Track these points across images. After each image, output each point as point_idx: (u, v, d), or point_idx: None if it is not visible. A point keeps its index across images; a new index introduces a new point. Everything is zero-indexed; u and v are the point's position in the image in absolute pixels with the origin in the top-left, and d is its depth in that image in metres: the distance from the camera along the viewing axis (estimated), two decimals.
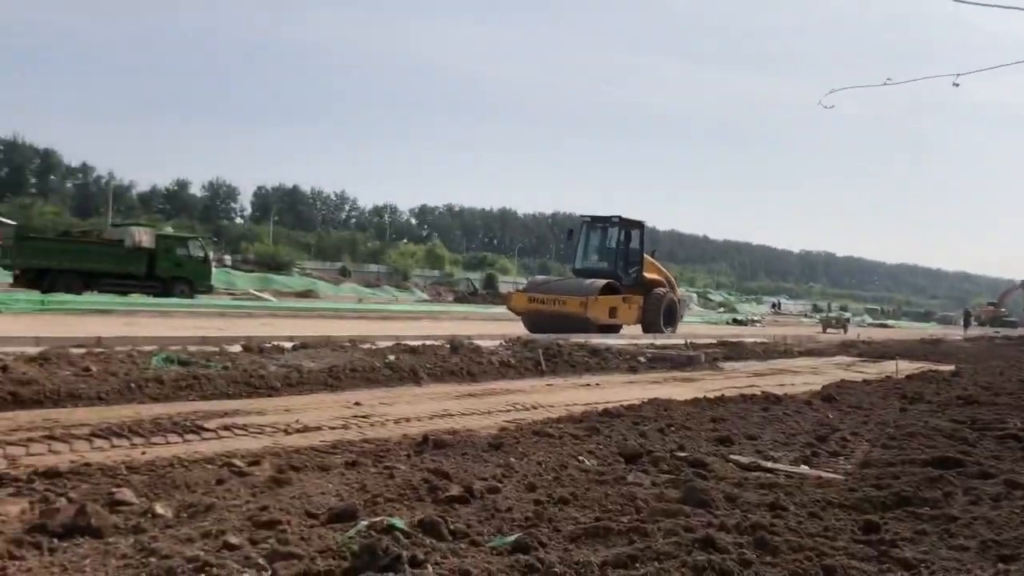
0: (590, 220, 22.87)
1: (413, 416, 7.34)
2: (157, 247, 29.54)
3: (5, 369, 7.41)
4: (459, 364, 10.77)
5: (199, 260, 30.77)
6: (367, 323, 21.98)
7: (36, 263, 27.01)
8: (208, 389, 7.90)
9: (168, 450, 5.40)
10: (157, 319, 18.87)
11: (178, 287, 29.46)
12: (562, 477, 4.73)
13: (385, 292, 59.24)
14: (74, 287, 26.72)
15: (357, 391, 8.86)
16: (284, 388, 8.47)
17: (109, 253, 28.51)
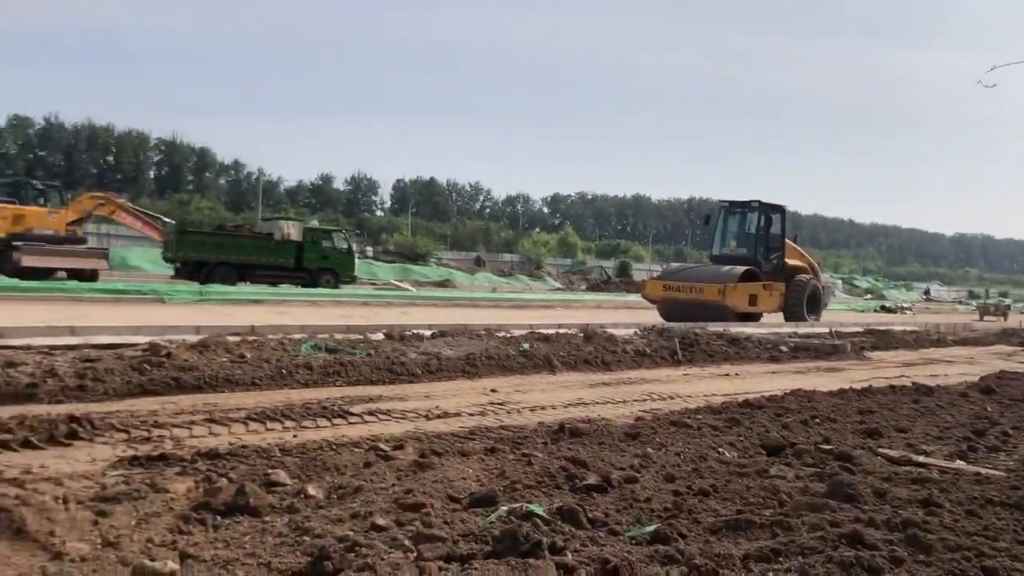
0: (728, 205, 22.32)
1: (548, 404, 7.39)
2: (304, 239, 30.91)
3: (169, 356, 7.93)
4: (593, 353, 10.76)
5: (343, 251, 32.03)
6: (501, 312, 22.26)
7: (194, 256, 28.76)
8: (353, 375, 8.21)
9: (318, 434, 5.66)
10: (305, 308, 19.74)
11: (324, 277, 30.74)
12: (701, 469, 4.67)
13: (518, 281, 59.79)
14: (229, 278, 28.29)
15: (493, 378, 9.00)
16: (424, 375, 8.70)
17: (260, 246, 30.02)
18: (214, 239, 29.69)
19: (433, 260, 63.77)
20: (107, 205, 30.88)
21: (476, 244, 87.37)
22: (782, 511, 3.75)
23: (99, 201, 30.78)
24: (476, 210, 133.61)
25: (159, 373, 7.28)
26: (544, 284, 59.20)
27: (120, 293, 20.18)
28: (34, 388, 6.46)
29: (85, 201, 30.51)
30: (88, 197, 31.53)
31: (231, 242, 29.64)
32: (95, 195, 32.41)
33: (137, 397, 6.74)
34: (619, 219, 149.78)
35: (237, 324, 11.43)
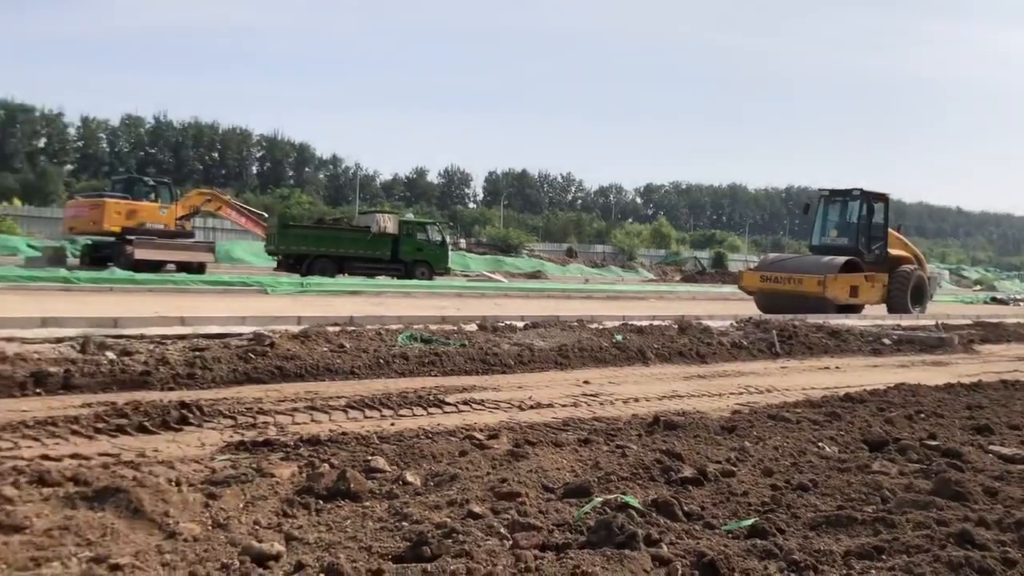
0: (828, 194, 21.67)
1: (642, 396, 7.35)
2: (400, 232, 31.51)
3: (272, 345, 8.20)
4: (687, 345, 10.64)
5: (437, 244, 32.52)
6: (593, 303, 22.21)
7: (295, 249, 29.64)
8: (448, 365, 8.33)
9: (414, 422, 5.77)
10: (401, 299, 20.10)
11: (419, 269, 31.28)
12: (800, 463, 4.57)
13: (611, 272, 59.44)
14: (328, 270, 29.06)
15: (586, 370, 9.00)
16: (517, 366, 8.76)
17: (358, 239, 30.73)
18: (314, 233, 30.53)
19: (525, 252, 63.96)
20: (213, 201, 32.23)
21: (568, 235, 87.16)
22: (885, 508, 3.64)
23: (206, 197, 32.17)
24: (568, 201, 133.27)
25: (263, 362, 7.53)
26: (637, 275, 58.66)
27: (226, 285, 20.96)
28: (147, 376, 6.77)
29: (193, 197, 31.85)
30: (196, 193, 32.93)
31: (330, 235, 30.44)
32: (202, 191, 33.86)
33: (243, 385, 6.98)
34: (714, 209, 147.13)
35: (336, 315, 11.72)
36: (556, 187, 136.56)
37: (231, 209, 32.84)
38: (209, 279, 22.01)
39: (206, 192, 33.45)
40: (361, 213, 40.93)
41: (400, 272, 30.87)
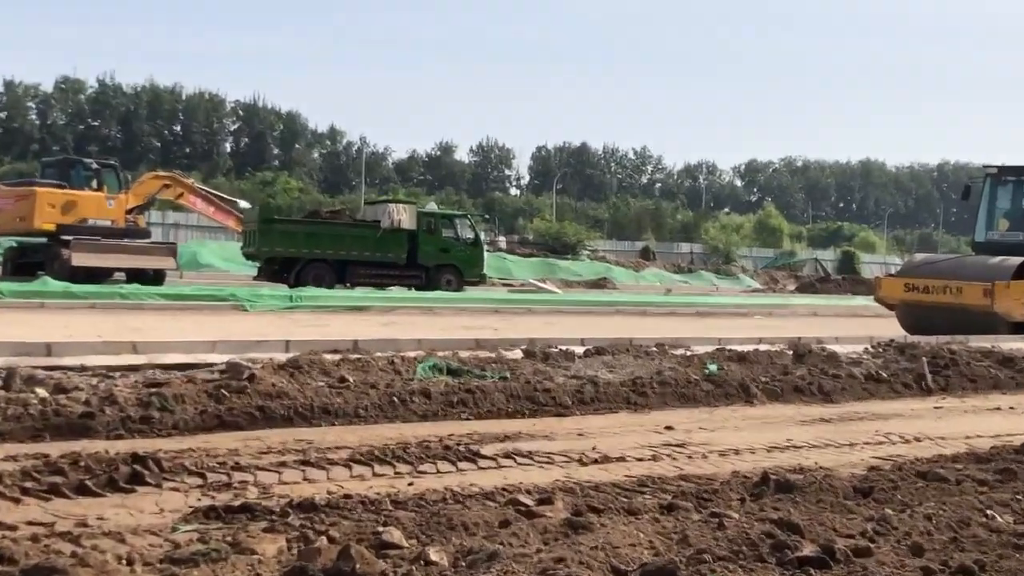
0: (998, 172, 21.32)
1: (744, 447, 7.30)
2: (419, 228, 31.78)
3: (253, 379, 8.28)
4: (806, 377, 10.53)
5: (469, 243, 32.75)
6: (678, 321, 22.08)
7: (282, 251, 30.06)
8: (484, 405, 8.35)
9: (439, 481, 5.78)
10: (420, 317, 20.21)
11: (444, 277, 31.49)
12: (962, 538, 4.50)
13: (701, 279, 59.24)
14: (325, 279, 29.41)
15: (668, 411, 8.95)
16: (576, 405, 8.75)
17: (363, 237, 31.06)
18: (306, 229, 30.97)
19: (586, 252, 64.04)
20: (174, 187, 32.51)
21: (643, 230, 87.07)
22: None
23: (164, 182, 32.46)
24: (642, 185, 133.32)
25: (240, 401, 7.61)
26: (737, 283, 58.40)
27: (192, 299, 21.30)
28: (89, 419, 6.87)
29: (147, 183, 32.24)
30: (151, 178, 33.35)
31: (327, 233, 30.82)
32: (159, 175, 34.29)
33: (214, 431, 7.06)
34: (840, 194, 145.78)
35: (336, 338, 11.78)
36: (627, 166, 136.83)
37: (196, 197, 33.16)
38: (170, 291, 22.40)
39: (164, 176, 33.82)
40: (368, 203, 41.41)
41: (419, 281, 31.12)
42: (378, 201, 39.96)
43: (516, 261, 53.25)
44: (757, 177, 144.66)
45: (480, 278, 33.23)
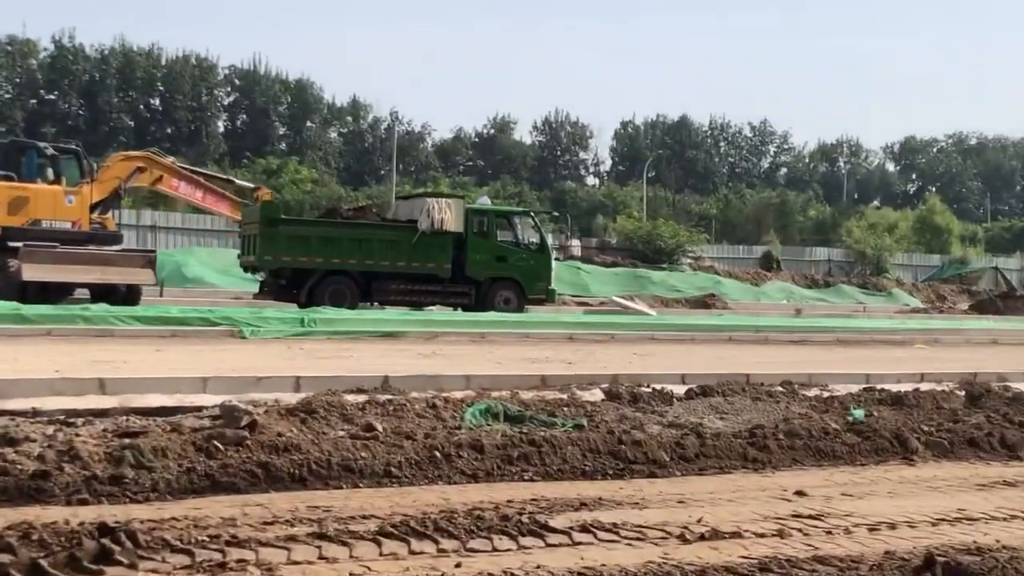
0: None
1: (901, 519, 7.22)
2: (467, 230, 31.77)
3: (253, 428, 8.35)
4: (984, 427, 10.40)
5: (532, 249, 32.75)
6: (811, 351, 21.89)
7: (291, 261, 30.19)
8: (552, 462, 8.34)
9: (495, 561, 5.79)
10: (469, 347, 20.27)
11: (500, 294, 31.49)
12: None
13: (842, 295, 58.73)
14: (345, 297, 29.49)
15: (798, 471, 8.89)
16: (674, 463, 8.73)
17: (395, 242, 31.14)
18: (321, 233, 31.12)
19: (687, 259, 63.82)
20: (149, 170, 32.17)
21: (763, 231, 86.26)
22: None
23: (136, 164, 31.97)
24: (762, 171, 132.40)
25: (238, 456, 7.67)
26: (890, 301, 57.82)
27: (176, 324, 21.47)
28: (45, 480, 6.94)
29: (115, 166, 31.88)
30: (120, 160, 32.70)
31: (349, 237, 30.97)
32: (130, 155, 33.81)
33: (204, 495, 7.12)
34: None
35: (361, 374, 11.86)
36: (741, 146, 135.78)
37: (179, 179, 32.95)
38: (148, 313, 22.60)
39: (136, 156, 33.22)
40: (401, 198, 41.38)
41: (468, 299, 31.20)
42: (414, 196, 39.51)
43: (595, 272, 53.10)
44: (916, 160, 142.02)
45: (547, 295, 33.13)
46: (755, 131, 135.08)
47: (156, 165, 32.63)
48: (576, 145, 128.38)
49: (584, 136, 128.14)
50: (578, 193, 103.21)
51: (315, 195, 71.86)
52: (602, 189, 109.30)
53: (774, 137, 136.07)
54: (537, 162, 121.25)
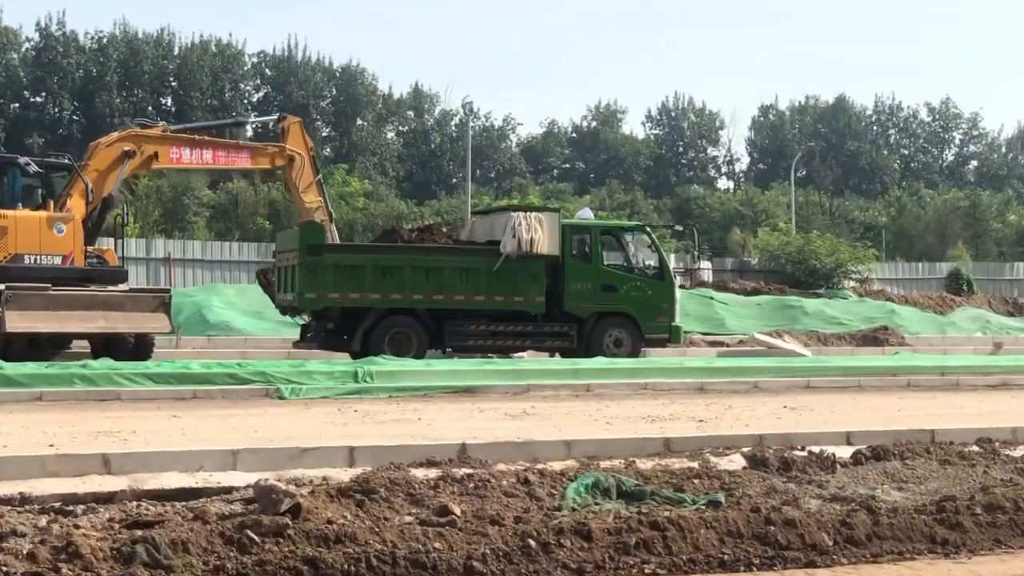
0: None
1: None
2: (565, 252, 31.71)
3: (296, 513, 8.42)
4: None
5: (650, 275, 32.64)
6: (1017, 398, 21.67)
7: (340, 298, 30.21)
8: (680, 550, 8.36)
9: None
10: (570, 403, 20.40)
11: (609, 334, 31.39)
12: None
13: None
14: (410, 343, 29.60)
15: (1003, 556, 8.87)
16: (840, 548, 8.72)
17: (472, 270, 31.07)
18: (378, 260, 31.09)
19: (850, 283, 63.17)
20: (138, 151, 30.27)
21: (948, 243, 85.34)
22: None
23: (121, 149, 31.14)
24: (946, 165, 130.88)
25: (278, 551, 7.73)
26: None
27: (196, 382, 21.72)
28: None
29: (99, 155, 30.96)
30: (104, 148, 31.77)
31: (413, 265, 30.95)
32: (113, 139, 32.81)
33: None
34: None
35: (432, 441, 11.91)
36: (917, 135, 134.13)
37: (179, 147, 31.55)
38: (162, 369, 22.87)
39: (122, 137, 32.25)
40: (479, 213, 41.14)
41: (567, 342, 31.14)
42: (496, 210, 39.49)
43: (731, 303, 52.45)
44: None
45: (670, 334, 32.90)
46: (935, 114, 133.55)
47: (145, 140, 31.25)
48: (703, 139, 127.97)
49: (713, 127, 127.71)
50: (707, 200, 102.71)
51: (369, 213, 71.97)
52: (738, 194, 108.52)
53: (960, 122, 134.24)
54: (653, 162, 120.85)
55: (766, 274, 63.41)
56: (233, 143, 34.85)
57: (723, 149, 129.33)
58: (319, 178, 34.30)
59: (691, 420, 16.51)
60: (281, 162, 33.66)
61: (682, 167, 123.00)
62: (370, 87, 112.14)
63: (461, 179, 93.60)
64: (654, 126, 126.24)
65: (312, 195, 33.44)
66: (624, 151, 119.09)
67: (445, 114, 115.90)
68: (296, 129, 34.15)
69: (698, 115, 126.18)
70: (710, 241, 78.84)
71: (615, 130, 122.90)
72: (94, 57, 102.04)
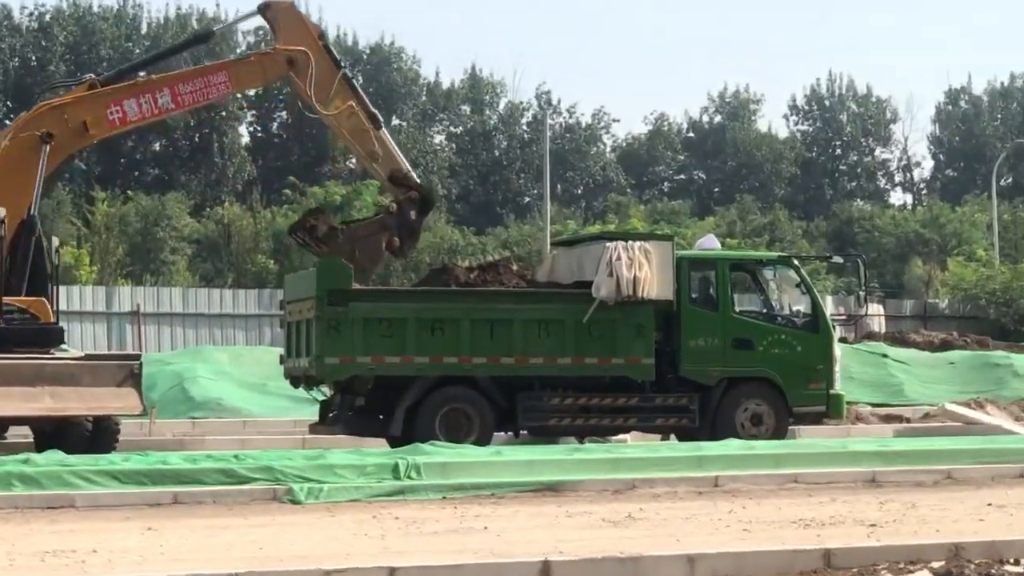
0: None
1: None
2: (681, 295, 31.63)
3: None
4: None
5: (798, 326, 32.49)
6: None
7: (370, 364, 30.14)
8: None
9: None
10: (689, 502, 20.48)
11: (743, 407, 31.30)
12: None
13: None
14: (470, 423, 29.60)
15: None
16: None
17: (553, 323, 31.02)
18: (425, 311, 31.04)
19: None
20: (60, 127, 30.47)
21: None
22: None
23: (31, 136, 30.88)
24: None
25: None
26: None
27: (179, 481, 21.80)
28: None
29: (16, 142, 30.84)
30: (7, 144, 31.31)
31: (472, 317, 30.89)
32: (18, 125, 32.25)
33: None
34: None
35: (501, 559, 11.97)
36: None
37: (116, 104, 31.22)
38: (131, 465, 22.94)
39: (36, 117, 31.98)
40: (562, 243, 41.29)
41: (687, 418, 30.99)
42: (585, 239, 39.12)
43: (912, 361, 52.30)
44: None
45: (828, 405, 32.71)
46: None
47: (66, 110, 31.31)
48: (869, 136, 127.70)
49: (882, 120, 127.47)
50: (876, 221, 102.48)
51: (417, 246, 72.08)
52: (919, 212, 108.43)
53: None
54: (800, 169, 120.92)
55: (960, 321, 63.36)
56: (199, 68, 35.14)
57: (897, 150, 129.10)
58: (343, 72, 33.20)
59: (859, 524, 16.52)
60: (277, 70, 32.96)
61: (840, 176, 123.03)
62: (410, 73, 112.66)
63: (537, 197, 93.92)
64: (801, 120, 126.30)
65: (341, 100, 32.24)
66: (760, 155, 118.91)
67: (513, 109, 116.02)
68: (288, 16, 33.20)
69: (861, 104, 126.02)
70: (881, 277, 78.92)
71: (747, 127, 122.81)
72: (34, 39, 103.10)
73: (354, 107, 32.18)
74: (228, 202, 79.09)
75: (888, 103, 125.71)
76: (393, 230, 32.07)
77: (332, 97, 31.89)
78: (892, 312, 64.67)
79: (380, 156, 32.44)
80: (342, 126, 32.57)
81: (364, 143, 32.53)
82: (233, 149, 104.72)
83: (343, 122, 32.38)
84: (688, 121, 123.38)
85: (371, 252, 32.13)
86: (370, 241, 31.88)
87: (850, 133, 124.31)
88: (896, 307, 66.64)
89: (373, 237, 32.22)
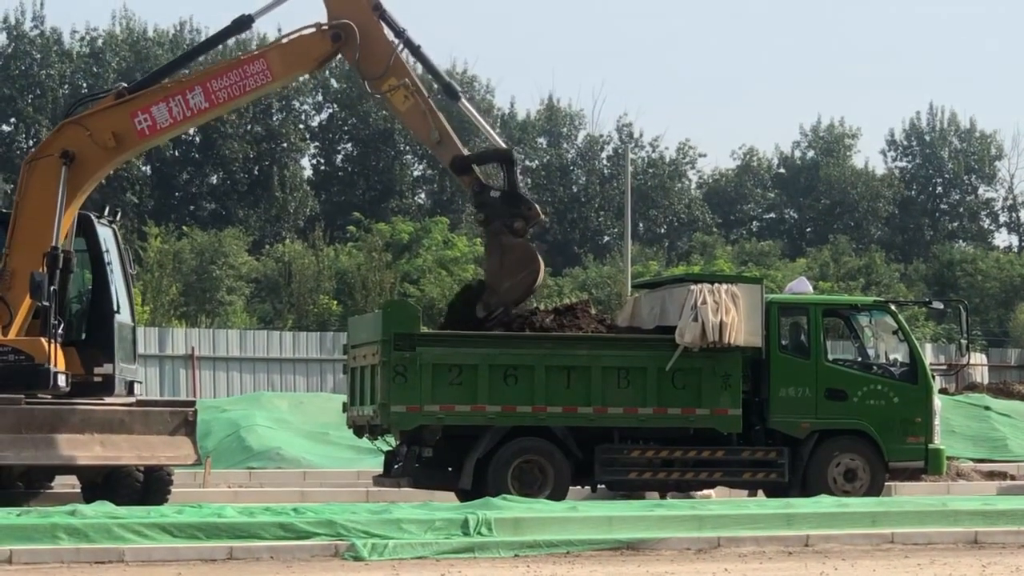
0: None
1: None
2: (771, 341, 31.59)
3: None
4: None
5: (895, 376, 32.37)
6: None
7: (438, 413, 30.15)
8: None
9: None
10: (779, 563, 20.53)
11: (836, 462, 31.22)
12: None
13: None
14: (545, 476, 29.59)
15: None
16: None
17: (634, 370, 30.96)
18: (496, 356, 31.00)
19: None
20: (85, 144, 30.36)
21: None
22: None
23: (51, 161, 30.56)
24: None
25: None
26: None
27: (236, 535, 21.80)
28: None
29: (32, 183, 30.50)
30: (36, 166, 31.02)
31: (546, 363, 30.88)
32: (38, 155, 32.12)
33: None
34: None
35: None
36: None
37: (144, 111, 30.51)
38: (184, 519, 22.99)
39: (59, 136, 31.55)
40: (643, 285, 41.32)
41: (776, 473, 30.95)
42: (668, 281, 39.00)
43: (1015, 414, 51.97)
44: None
45: (927, 461, 32.67)
46: None
47: (87, 125, 30.35)
48: (972, 174, 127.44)
49: (987, 156, 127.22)
50: (980, 264, 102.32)
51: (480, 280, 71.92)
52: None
53: None
54: (899, 208, 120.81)
55: None
56: (233, 60, 34.40)
57: (1002, 188, 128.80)
58: (406, 38, 31.73)
59: None
60: (323, 48, 31.23)
61: (941, 215, 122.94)
62: (483, 104, 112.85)
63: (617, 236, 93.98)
64: (899, 156, 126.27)
65: (396, 77, 31.33)
66: (856, 193, 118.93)
67: (593, 142, 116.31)
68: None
69: (964, 139, 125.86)
70: (984, 324, 78.83)
71: (842, 162, 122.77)
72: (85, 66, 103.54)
73: (409, 86, 31.48)
74: (289, 239, 79.38)
75: (993, 138, 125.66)
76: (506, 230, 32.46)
77: (390, 74, 31.23)
78: (996, 361, 64.53)
79: (440, 141, 32.15)
80: (398, 107, 32.08)
81: (421, 127, 32.44)
82: (295, 183, 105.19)
83: (399, 102, 31.79)
84: (779, 156, 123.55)
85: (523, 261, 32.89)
86: (511, 259, 31.99)
87: (952, 170, 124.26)
88: (1000, 356, 66.49)
89: (510, 255, 32.35)
